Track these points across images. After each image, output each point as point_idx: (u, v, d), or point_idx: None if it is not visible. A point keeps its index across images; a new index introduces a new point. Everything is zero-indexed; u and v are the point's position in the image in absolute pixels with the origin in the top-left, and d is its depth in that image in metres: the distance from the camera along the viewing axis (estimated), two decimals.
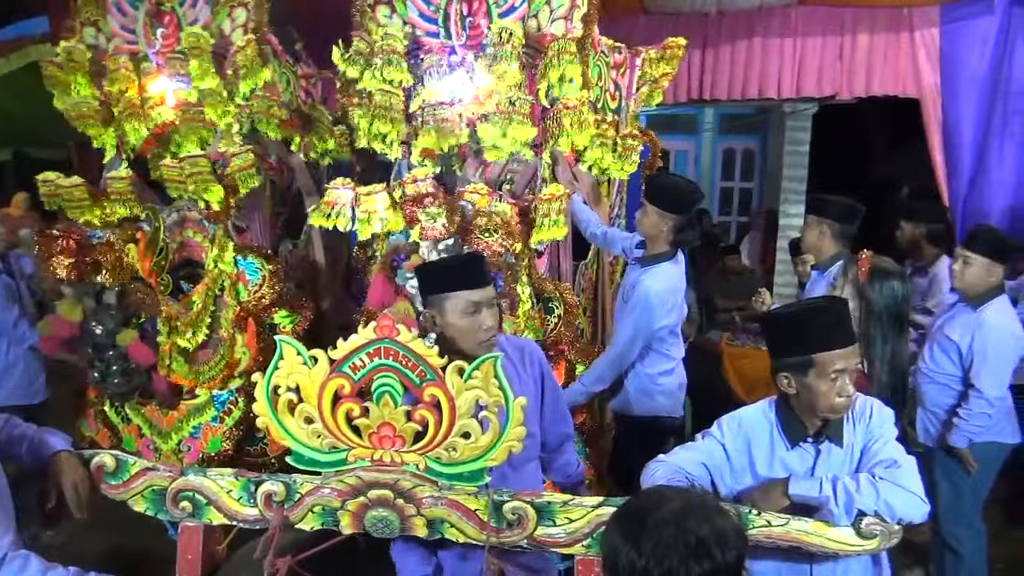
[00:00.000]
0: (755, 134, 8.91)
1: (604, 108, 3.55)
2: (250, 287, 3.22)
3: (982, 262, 3.15)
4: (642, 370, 3.30)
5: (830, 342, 1.92)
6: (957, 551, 3.34)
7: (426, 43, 3.15)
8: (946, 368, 3.28)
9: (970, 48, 4.98)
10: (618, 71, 3.62)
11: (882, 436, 1.96)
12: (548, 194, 3.02)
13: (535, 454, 2.36)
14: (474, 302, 2.11)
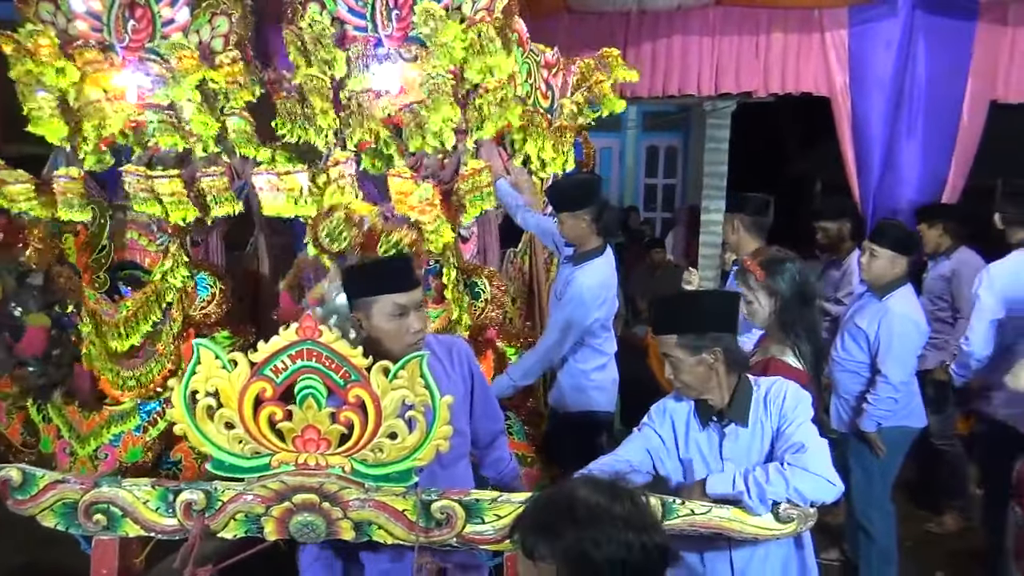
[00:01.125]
0: (677, 131, 9.12)
1: (536, 105, 3.56)
2: (198, 303, 3.15)
3: (887, 254, 3.28)
4: (575, 366, 3.33)
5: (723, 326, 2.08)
6: (869, 531, 3.48)
7: (354, 37, 3.12)
8: (856, 356, 3.41)
9: (876, 49, 5.18)
10: (550, 71, 3.65)
11: (795, 419, 2.00)
12: (469, 170, 3.03)
13: (465, 452, 2.36)
14: (401, 305, 2.08)
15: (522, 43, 3.36)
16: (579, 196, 3.24)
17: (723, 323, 2.07)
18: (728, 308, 2.11)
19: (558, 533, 1.34)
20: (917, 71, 5.15)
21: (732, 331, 2.09)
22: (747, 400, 2.06)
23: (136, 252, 3.22)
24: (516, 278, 3.98)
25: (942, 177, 5.24)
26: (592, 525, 1.33)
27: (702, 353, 2.03)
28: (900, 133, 5.22)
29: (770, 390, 2.07)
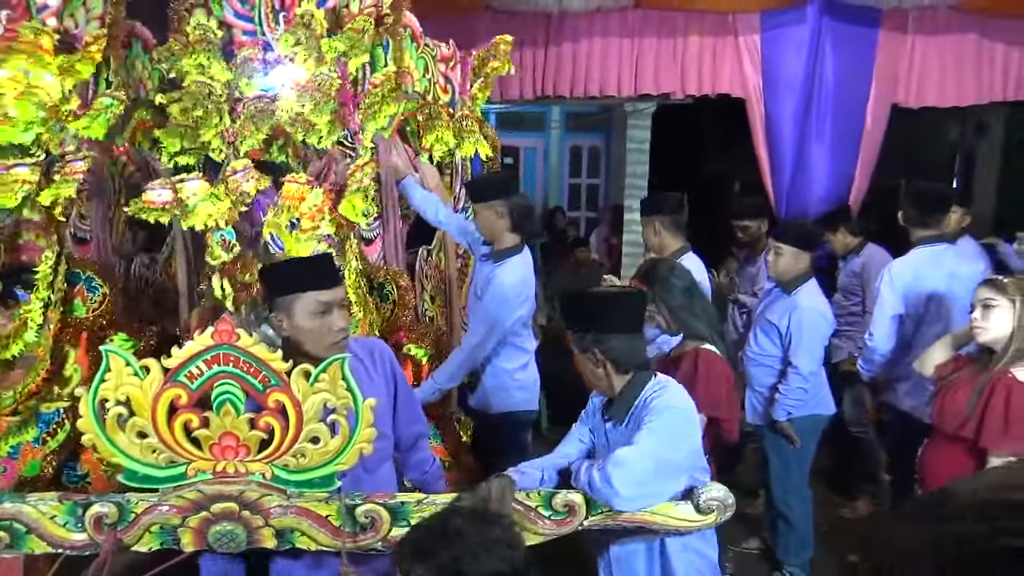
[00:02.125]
0: (600, 132, 9.24)
1: (435, 99, 3.56)
2: (88, 303, 2.99)
3: (791, 251, 3.41)
4: (498, 365, 3.33)
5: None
6: (788, 518, 3.60)
7: (242, 41, 3.06)
8: (769, 350, 3.52)
9: (787, 54, 5.37)
10: (447, 65, 3.65)
11: (646, 425, 2.01)
12: (354, 166, 3.00)
13: (389, 454, 2.33)
14: (324, 302, 2.04)
15: (416, 38, 3.36)
16: (491, 187, 3.26)
17: (608, 324, 2.12)
18: (614, 309, 2.15)
19: (433, 554, 1.39)
20: (825, 75, 5.35)
21: (622, 332, 2.12)
22: (630, 400, 2.11)
23: (34, 253, 3.04)
24: (433, 276, 3.96)
25: (849, 177, 5.47)
26: (464, 546, 1.40)
27: (587, 352, 2.11)
28: (810, 134, 5.43)
29: (654, 394, 2.09)
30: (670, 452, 1.98)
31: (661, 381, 2.14)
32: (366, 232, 3.33)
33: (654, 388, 2.11)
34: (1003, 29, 5.38)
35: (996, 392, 2.35)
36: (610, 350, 2.10)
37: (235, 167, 2.86)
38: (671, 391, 2.11)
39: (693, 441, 2.07)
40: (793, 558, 3.65)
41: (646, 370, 2.16)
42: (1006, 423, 2.31)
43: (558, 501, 1.97)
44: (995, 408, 2.34)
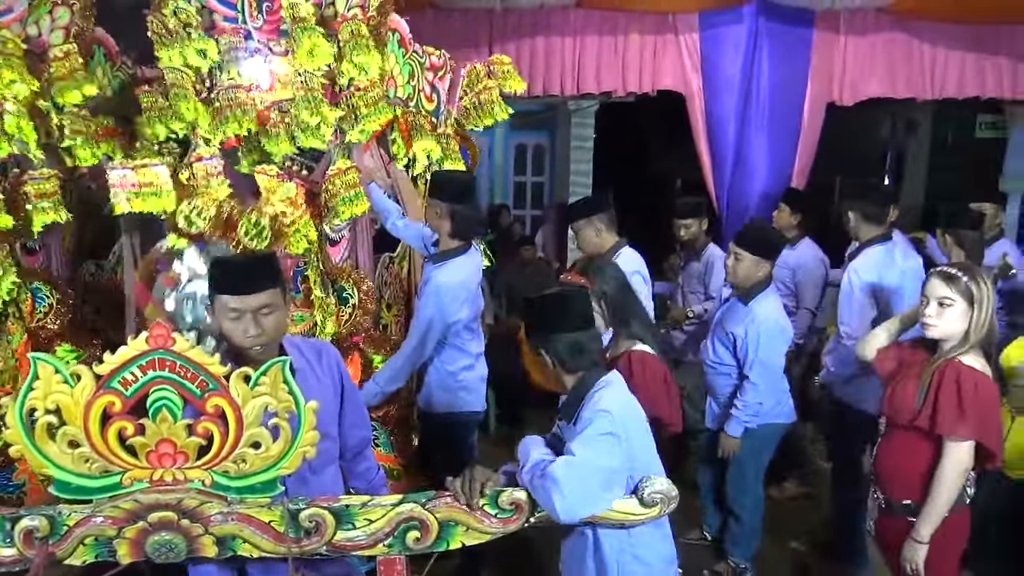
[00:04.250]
0: (544, 130, 9.27)
1: (419, 108, 3.50)
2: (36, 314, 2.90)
3: (751, 258, 3.38)
4: (441, 366, 3.31)
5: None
6: (740, 516, 3.67)
7: (222, 27, 2.98)
8: (726, 360, 3.54)
9: (726, 53, 5.45)
10: (435, 74, 3.60)
11: (583, 430, 2.03)
12: (335, 169, 2.95)
13: (335, 457, 2.30)
14: (234, 308, 2.00)
15: (404, 43, 3.30)
16: (441, 187, 3.23)
17: (554, 324, 2.14)
18: (559, 309, 2.17)
19: None
20: (762, 74, 5.46)
21: (568, 331, 2.13)
22: (578, 399, 2.12)
23: None
24: (393, 284, 3.92)
25: (787, 173, 5.59)
26: None
27: (538, 351, 2.15)
28: (749, 132, 5.53)
29: (600, 396, 2.09)
30: (604, 459, 1.98)
31: (604, 381, 2.14)
32: (333, 233, 3.28)
33: (598, 388, 2.11)
34: (929, 30, 5.57)
35: (946, 378, 2.38)
36: (557, 350, 2.12)
37: (201, 154, 2.78)
38: (609, 393, 2.10)
39: (629, 443, 2.04)
40: (740, 550, 3.73)
41: (596, 368, 2.16)
42: (960, 408, 2.33)
43: (504, 499, 1.97)
44: (947, 394, 2.36)
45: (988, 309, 2.39)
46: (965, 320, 2.40)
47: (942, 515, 2.40)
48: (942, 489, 2.38)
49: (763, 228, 3.71)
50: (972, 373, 2.36)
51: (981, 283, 2.40)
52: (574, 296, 2.23)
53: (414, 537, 1.96)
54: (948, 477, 2.37)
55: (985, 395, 2.35)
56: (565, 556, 2.22)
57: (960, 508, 2.46)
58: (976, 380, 2.35)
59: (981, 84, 5.70)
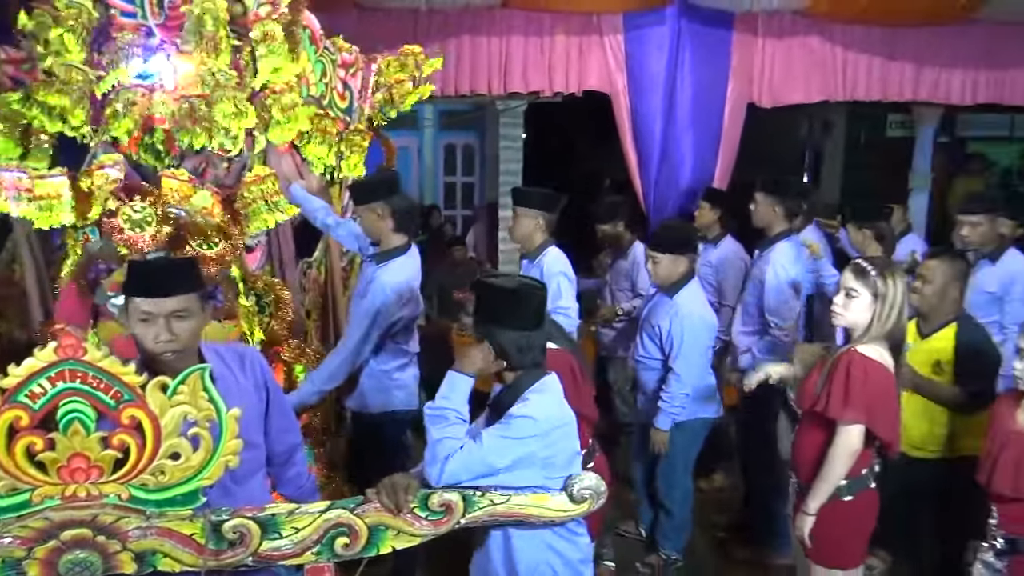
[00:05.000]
0: (473, 130, 9.28)
1: (331, 106, 3.43)
2: None
3: (667, 258, 3.47)
4: (377, 367, 3.28)
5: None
6: (670, 509, 3.74)
7: (120, 23, 2.86)
8: (654, 354, 3.59)
9: (650, 54, 5.54)
10: (347, 71, 3.54)
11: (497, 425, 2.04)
12: (253, 176, 2.89)
13: (260, 466, 2.24)
14: (146, 311, 1.93)
15: (315, 40, 3.25)
16: (373, 189, 3.21)
17: (506, 317, 2.09)
18: (511, 303, 2.10)
19: None
20: (685, 75, 5.57)
21: (516, 327, 2.08)
22: (513, 397, 2.08)
23: None
24: (312, 290, 3.85)
25: (710, 172, 5.72)
26: None
27: (484, 342, 2.09)
28: (673, 131, 5.63)
29: (532, 399, 2.07)
30: (497, 459, 1.98)
31: (541, 384, 2.11)
32: (249, 240, 3.20)
33: (533, 390, 2.09)
34: (842, 33, 5.79)
35: (839, 364, 2.50)
36: (504, 344, 2.07)
37: (103, 161, 2.66)
38: (541, 398, 2.08)
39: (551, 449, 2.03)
40: (670, 543, 3.80)
41: (536, 368, 2.13)
42: (846, 392, 2.45)
43: (434, 501, 1.96)
44: (838, 380, 2.48)
45: (895, 304, 2.50)
46: (870, 312, 2.51)
47: (829, 491, 2.50)
48: (830, 468, 2.49)
49: (672, 227, 3.80)
50: (864, 361, 2.47)
51: (889, 279, 2.50)
52: (532, 293, 2.14)
53: (343, 544, 1.93)
54: (836, 457, 2.48)
55: (876, 383, 2.46)
56: (477, 558, 2.20)
57: (864, 492, 2.57)
58: (867, 367, 2.46)
59: (889, 86, 5.95)
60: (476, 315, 2.14)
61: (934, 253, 3.16)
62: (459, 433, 2.02)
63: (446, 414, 2.04)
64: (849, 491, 2.53)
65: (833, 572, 2.60)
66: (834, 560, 2.59)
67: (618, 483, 4.50)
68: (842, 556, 2.60)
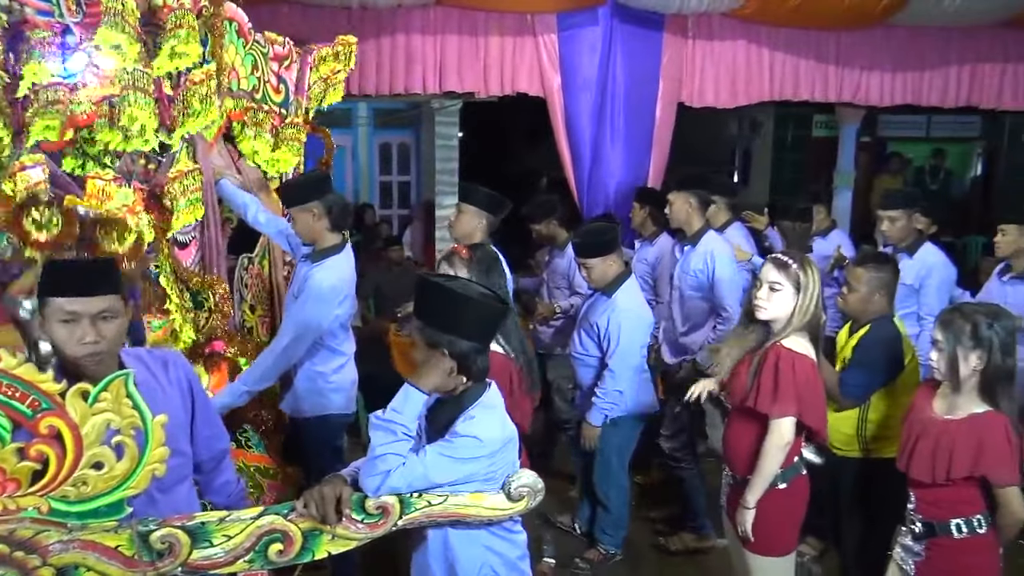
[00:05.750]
0: (409, 129, 9.22)
1: (265, 100, 3.38)
2: None
3: (595, 261, 3.51)
4: (312, 368, 3.22)
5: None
6: (607, 505, 3.80)
7: (35, 21, 2.74)
8: (591, 351, 3.64)
9: (583, 54, 5.59)
10: (281, 64, 3.47)
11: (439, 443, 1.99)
12: (176, 172, 2.81)
13: (187, 474, 2.17)
14: (71, 312, 1.85)
15: (243, 33, 3.18)
16: (307, 189, 3.16)
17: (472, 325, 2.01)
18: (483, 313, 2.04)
19: None
20: (617, 75, 5.64)
21: (480, 338, 2.03)
22: (453, 411, 2.03)
23: None
24: (255, 285, 3.78)
25: (644, 172, 5.81)
26: None
27: (438, 347, 1.99)
28: (605, 131, 5.70)
29: (477, 416, 2.02)
30: (439, 477, 1.95)
31: (484, 400, 2.05)
32: (180, 236, 3.10)
33: (476, 405, 2.03)
34: (769, 35, 5.95)
35: (767, 359, 2.58)
36: (464, 353, 1.98)
37: (24, 162, 2.55)
38: (486, 415, 2.03)
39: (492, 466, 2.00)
40: (608, 538, 3.85)
41: (481, 382, 2.08)
42: (775, 387, 2.53)
43: (370, 504, 1.94)
44: (767, 376, 2.55)
45: (813, 295, 2.59)
46: (791, 304, 2.59)
47: (766, 485, 2.58)
48: (765, 462, 2.57)
49: (592, 231, 3.80)
50: (791, 355, 2.56)
51: (808, 271, 2.59)
52: (491, 304, 2.07)
53: (277, 550, 1.89)
54: (770, 451, 2.56)
55: (802, 375, 2.54)
56: (417, 562, 2.18)
57: (797, 478, 2.66)
58: (794, 361, 2.54)
59: (814, 87, 6.14)
60: (431, 322, 2.00)
61: (862, 260, 3.20)
62: (404, 450, 1.95)
63: (394, 428, 1.95)
64: (783, 479, 2.61)
65: (767, 559, 2.68)
66: (768, 547, 2.66)
67: (557, 479, 4.57)
68: (776, 543, 2.68)
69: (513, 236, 4.97)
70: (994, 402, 2.37)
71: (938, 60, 6.18)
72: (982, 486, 2.38)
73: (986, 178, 10.60)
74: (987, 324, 2.36)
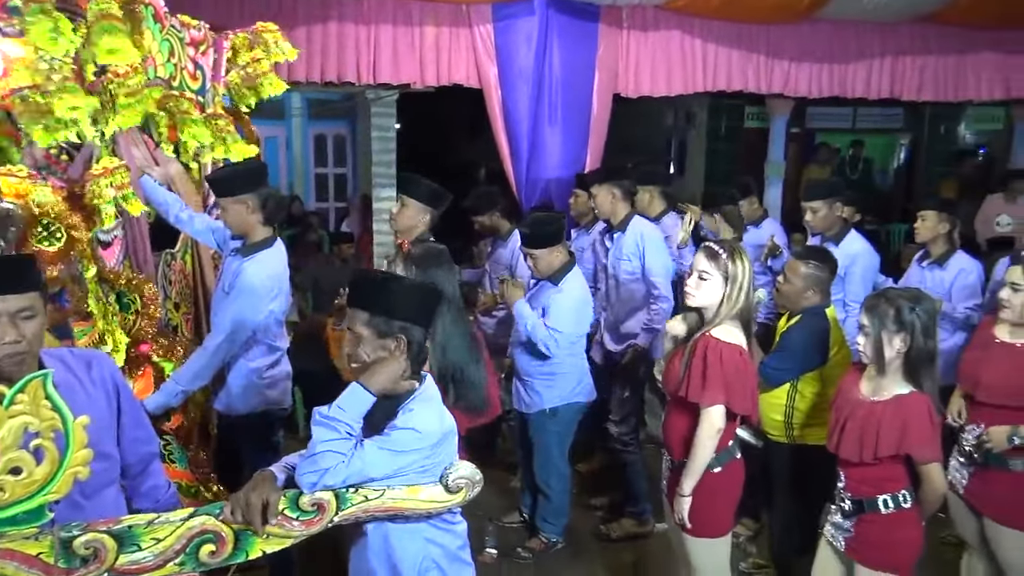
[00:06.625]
0: (345, 120, 9.07)
1: (183, 87, 3.26)
2: None
3: (543, 252, 3.54)
4: (246, 364, 3.15)
5: None
6: (548, 494, 3.82)
7: None
8: None
9: (519, 44, 5.58)
10: (197, 49, 3.36)
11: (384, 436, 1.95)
12: (99, 169, 2.70)
13: (114, 478, 2.09)
14: None
15: (159, 17, 3.06)
16: (242, 181, 3.07)
17: (429, 316, 2.03)
18: (429, 303, 2.05)
19: None
20: (554, 65, 5.66)
21: (424, 326, 2.03)
22: (392, 406, 2.00)
23: None
24: (179, 281, 3.66)
25: (581, 162, 5.85)
26: None
27: (388, 338, 1.97)
28: (543, 122, 5.71)
29: (417, 408, 1.99)
30: (377, 471, 1.93)
31: (421, 394, 2.04)
32: (103, 235, 2.98)
33: (414, 398, 2.01)
34: (701, 27, 6.05)
35: (697, 349, 2.63)
36: (418, 343, 1.97)
37: None
38: (422, 408, 2.01)
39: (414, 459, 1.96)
40: (550, 527, 3.88)
41: (417, 374, 2.07)
42: (704, 377, 2.58)
43: (305, 501, 1.90)
44: (696, 365, 2.61)
45: (742, 285, 2.64)
46: (721, 293, 2.64)
47: (700, 472, 2.64)
48: (698, 450, 2.63)
49: (540, 221, 3.79)
50: (719, 345, 2.61)
51: (739, 261, 2.64)
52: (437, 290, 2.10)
53: (209, 551, 1.84)
54: (702, 439, 2.61)
55: (730, 363, 2.60)
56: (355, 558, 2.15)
57: (731, 462, 2.72)
58: (721, 350, 2.60)
59: (745, 79, 6.27)
60: (380, 311, 1.96)
61: (805, 255, 3.23)
62: (345, 448, 1.91)
63: (338, 427, 1.90)
64: (718, 463, 2.67)
65: (704, 541, 2.74)
66: (705, 529, 2.72)
67: (499, 470, 4.58)
68: (713, 525, 2.74)
69: (453, 228, 4.94)
70: (917, 383, 2.47)
71: (862, 54, 6.38)
72: (906, 463, 2.48)
73: (909, 168, 11.00)
74: (910, 308, 2.45)
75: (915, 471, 2.48)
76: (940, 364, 2.55)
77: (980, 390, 2.80)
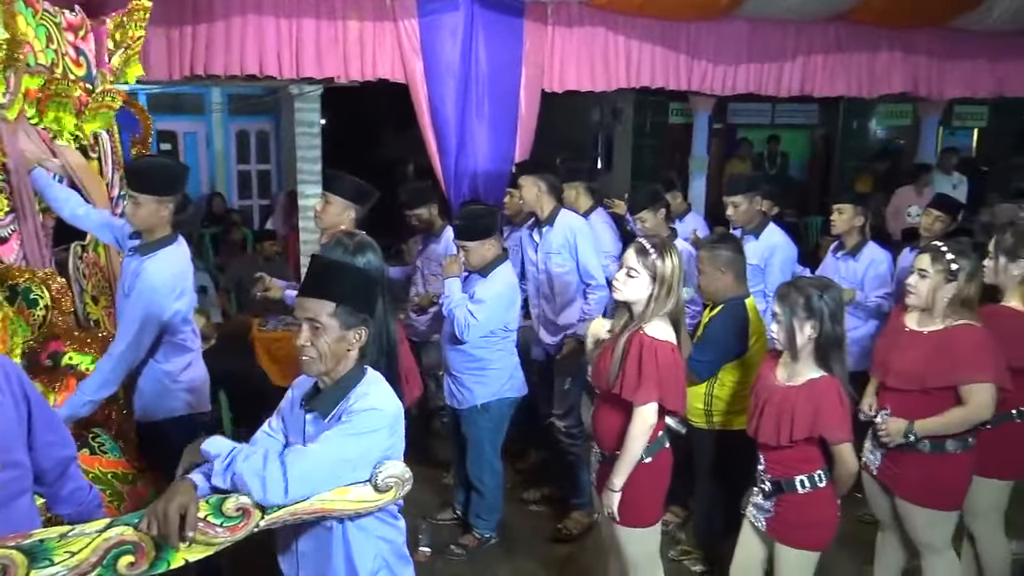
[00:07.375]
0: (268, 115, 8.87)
1: (67, 74, 3.16)
2: None
3: (475, 245, 3.55)
4: (158, 367, 3.04)
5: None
6: (481, 490, 3.83)
7: None
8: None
9: (444, 39, 5.54)
10: (76, 34, 3.23)
11: (340, 425, 1.95)
12: None
13: (26, 487, 2.00)
14: None
15: (30, 2, 2.93)
16: (165, 181, 2.97)
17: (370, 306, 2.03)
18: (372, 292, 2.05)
19: None
20: (480, 61, 5.64)
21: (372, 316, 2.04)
22: (341, 392, 2.00)
23: None
24: (94, 275, 3.51)
25: (509, 158, 5.85)
26: None
27: (352, 328, 1.96)
28: (470, 117, 5.70)
29: (370, 392, 2.00)
30: (350, 453, 1.92)
31: (368, 379, 2.04)
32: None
33: (364, 383, 2.02)
34: (625, 24, 6.12)
35: (631, 347, 2.66)
36: (371, 335, 1.99)
37: None
38: (378, 389, 2.02)
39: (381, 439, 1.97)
40: (483, 523, 3.89)
41: (364, 361, 2.06)
42: (639, 375, 2.62)
43: (229, 506, 1.85)
44: (630, 364, 2.64)
45: (672, 283, 2.69)
46: (647, 291, 2.69)
47: (632, 467, 2.68)
48: (630, 445, 2.67)
49: (473, 214, 3.79)
50: (652, 343, 2.65)
51: (667, 258, 2.69)
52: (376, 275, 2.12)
53: (127, 562, 1.77)
54: (635, 435, 2.66)
55: (663, 361, 2.65)
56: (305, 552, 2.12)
57: (660, 452, 2.78)
58: (656, 348, 2.65)
59: (668, 76, 6.39)
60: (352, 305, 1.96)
61: (703, 243, 3.40)
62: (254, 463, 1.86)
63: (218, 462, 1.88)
64: (648, 453, 2.72)
65: (635, 530, 2.79)
66: (636, 519, 2.76)
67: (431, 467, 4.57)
68: (643, 514, 2.78)
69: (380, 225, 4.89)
70: (828, 367, 2.58)
71: (776, 52, 6.56)
72: (820, 444, 2.59)
73: (825, 161, 11.42)
74: (818, 296, 2.56)
75: (829, 452, 2.58)
76: (854, 352, 2.67)
77: (890, 376, 2.92)
